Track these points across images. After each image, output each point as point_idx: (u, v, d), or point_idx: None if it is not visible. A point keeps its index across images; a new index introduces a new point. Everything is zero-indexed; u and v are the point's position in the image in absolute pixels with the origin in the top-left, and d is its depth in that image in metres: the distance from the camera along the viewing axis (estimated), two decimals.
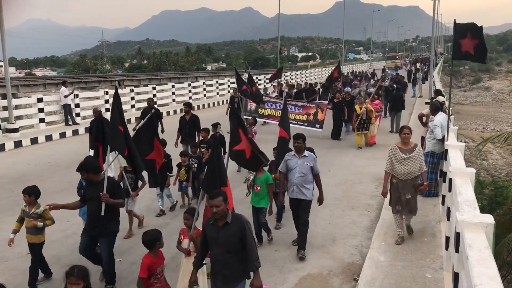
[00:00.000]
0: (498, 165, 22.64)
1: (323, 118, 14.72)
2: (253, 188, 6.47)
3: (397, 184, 6.30)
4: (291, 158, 6.17)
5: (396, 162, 6.22)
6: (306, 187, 6.09)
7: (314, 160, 6.15)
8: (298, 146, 6.11)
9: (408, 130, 6.35)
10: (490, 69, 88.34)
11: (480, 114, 44.68)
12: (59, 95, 17.21)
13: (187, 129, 10.34)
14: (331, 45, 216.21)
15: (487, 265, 2.98)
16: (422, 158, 6.26)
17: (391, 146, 6.41)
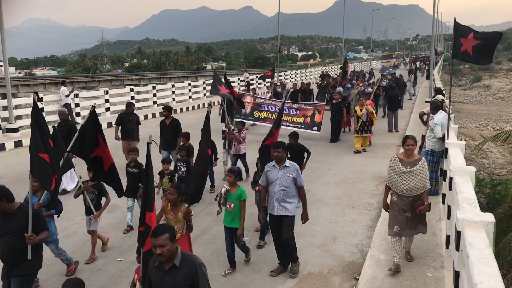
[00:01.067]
0: (499, 164, 22.64)
1: (321, 120, 14.10)
2: (226, 206, 5.68)
3: (396, 202, 5.59)
4: (271, 169, 5.59)
5: (396, 176, 5.53)
6: (289, 201, 5.52)
7: (297, 171, 5.58)
8: (278, 156, 5.52)
9: (413, 141, 5.61)
10: (490, 67, 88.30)
11: (480, 112, 44.67)
12: (60, 95, 17.20)
13: (167, 134, 9.68)
14: (331, 44, 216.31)
15: (487, 263, 2.98)
16: (426, 173, 5.50)
17: (391, 157, 5.76)
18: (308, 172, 10.46)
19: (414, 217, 5.54)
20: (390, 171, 5.61)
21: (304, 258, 6.02)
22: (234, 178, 5.68)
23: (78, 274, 5.64)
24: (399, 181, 5.50)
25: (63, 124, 9.13)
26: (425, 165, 5.55)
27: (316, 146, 13.12)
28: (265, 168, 5.71)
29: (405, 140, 5.69)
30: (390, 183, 5.65)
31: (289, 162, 5.63)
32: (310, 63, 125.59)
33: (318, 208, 8.02)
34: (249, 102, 15.19)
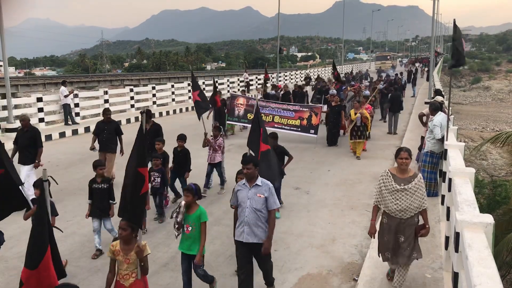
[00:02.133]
0: (498, 165, 22.65)
1: (318, 123, 13.67)
2: (183, 229, 4.86)
3: (388, 224, 4.90)
4: (241, 188, 4.86)
5: (388, 194, 4.82)
6: (261, 226, 4.75)
7: (269, 191, 4.78)
8: (248, 174, 4.77)
9: (407, 154, 4.88)
10: (490, 69, 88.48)
11: (479, 114, 44.70)
12: (59, 95, 17.20)
13: (147, 140, 8.73)
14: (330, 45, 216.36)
15: (486, 264, 2.98)
16: (422, 191, 4.78)
17: (382, 172, 5.02)
18: (308, 173, 10.49)
19: (409, 242, 4.80)
20: (381, 188, 4.91)
21: (303, 259, 6.03)
22: (192, 197, 4.83)
23: (77, 274, 5.64)
24: (391, 200, 4.79)
25: (25, 130, 8.31)
26: (422, 182, 4.82)
27: (315, 147, 13.15)
28: (235, 186, 4.98)
29: (398, 153, 4.92)
30: (380, 203, 4.94)
31: (262, 180, 4.84)
32: (309, 63, 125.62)
33: (317, 209, 8.02)
34: (242, 104, 14.63)
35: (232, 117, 14.56)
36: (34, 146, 8.22)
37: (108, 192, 6.26)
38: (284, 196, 8.76)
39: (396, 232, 4.84)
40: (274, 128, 13.70)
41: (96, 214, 6.20)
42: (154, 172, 7.46)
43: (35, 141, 8.21)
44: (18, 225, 6.51)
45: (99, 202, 6.24)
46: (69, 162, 11.68)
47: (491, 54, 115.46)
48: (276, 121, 13.78)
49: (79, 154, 12.50)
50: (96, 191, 6.24)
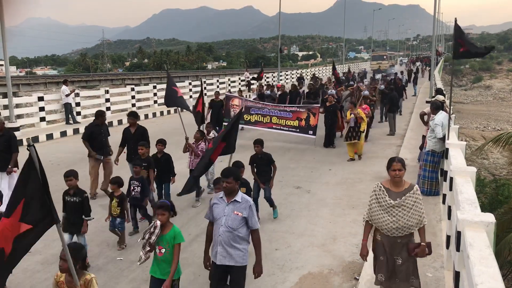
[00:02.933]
0: (499, 164, 22.63)
1: (316, 123, 13.29)
2: (155, 251, 4.34)
3: (382, 243, 4.36)
4: (217, 202, 4.35)
5: (381, 210, 4.27)
6: (236, 247, 4.22)
7: (249, 208, 4.25)
8: (227, 188, 4.25)
9: (400, 164, 4.29)
10: (491, 68, 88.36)
11: (481, 113, 44.65)
12: (60, 94, 17.22)
13: (132, 144, 8.39)
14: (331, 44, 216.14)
15: (488, 264, 2.98)
16: (420, 206, 4.25)
17: (375, 185, 4.46)
18: (309, 172, 10.49)
19: (407, 265, 4.30)
20: (373, 204, 4.36)
21: (304, 258, 6.03)
22: (168, 215, 4.33)
23: None
24: (385, 217, 4.24)
25: (1, 134, 7.84)
26: (419, 195, 4.28)
27: (316, 146, 13.13)
28: (211, 199, 4.49)
29: (390, 164, 4.33)
30: (373, 220, 4.37)
31: (242, 196, 4.32)
32: (310, 63, 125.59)
33: (318, 208, 8.02)
34: (237, 105, 14.34)
35: (228, 118, 14.09)
36: (9, 151, 7.76)
37: (80, 206, 5.72)
38: (285, 195, 8.77)
39: (392, 253, 4.30)
40: (272, 129, 13.70)
41: (68, 229, 5.67)
42: (134, 181, 6.89)
43: (10, 146, 7.76)
44: None
45: (71, 216, 5.74)
46: (71, 161, 11.68)
47: (492, 53, 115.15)
48: (274, 122, 13.61)
49: (80, 153, 12.49)
50: (68, 204, 5.79)
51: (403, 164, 4.33)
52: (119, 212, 6.32)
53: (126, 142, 8.61)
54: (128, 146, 8.56)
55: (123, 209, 6.35)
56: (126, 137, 8.61)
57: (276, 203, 8.23)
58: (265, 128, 13.80)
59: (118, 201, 6.32)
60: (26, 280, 5.54)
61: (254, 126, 14.04)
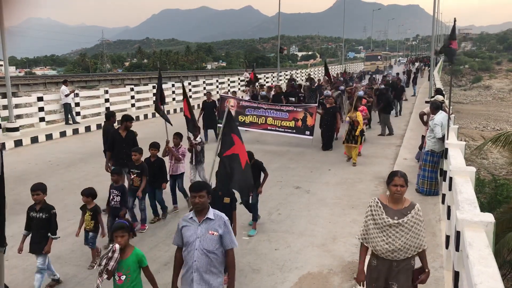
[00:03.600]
0: (498, 164, 22.66)
1: (313, 124, 12.93)
2: (114, 278, 3.93)
3: (378, 268, 3.91)
4: (187, 223, 3.75)
5: (377, 230, 3.82)
6: (214, 272, 3.69)
7: (224, 225, 3.73)
8: (200, 203, 3.68)
9: (403, 180, 3.81)
10: (490, 68, 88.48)
11: (480, 113, 44.70)
12: (59, 94, 17.21)
13: (123, 148, 7.87)
14: (331, 44, 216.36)
15: (487, 263, 2.98)
16: (420, 228, 3.81)
17: (370, 201, 3.97)
18: (308, 172, 10.49)
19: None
20: (369, 221, 3.90)
21: (303, 258, 6.03)
22: (128, 237, 3.91)
23: (78, 274, 5.65)
24: (381, 238, 3.79)
25: None
26: (420, 216, 3.83)
27: (313, 148, 13.06)
28: (179, 221, 3.84)
29: (392, 178, 3.86)
30: (368, 240, 3.92)
31: (215, 212, 3.80)
32: (310, 63, 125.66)
33: (318, 208, 8.02)
34: (233, 106, 13.87)
35: (222, 118, 14.03)
36: None
37: (47, 223, 5.19)
38: (285, 195, 8.77)
39: (388, 278, 3.87)
40: (267, 131, 13.49)
41: (34, 249, 5.22)
42: (113, 190, 6.39)
43: None
44: (18, 225, 6.50)
45: (36, 234, 5.22)
46: (70, 162, 11.69)
47: (491, 53, 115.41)
48: (269, 122, 13.35)
49: (79, 153, 12.52)
50: (33, 221, 5.23)
51: (406, 180, 3.84)
52: (92, 226, 5.78)
53: (112, 146, 7.96)
54: (119, 150, 7.89)
55: (97, 222, 5.78)
56: (115, 140, 7.95)
57: (276, 203, 8.26)
58: (260, 130, 13.62)
59: (91, 214, 5.77)
60: (26, 281, 5.54)
61: (249, 128, 13.70)
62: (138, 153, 7.04)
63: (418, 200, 7.94)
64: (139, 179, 6.94)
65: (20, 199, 8.57)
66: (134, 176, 6.98)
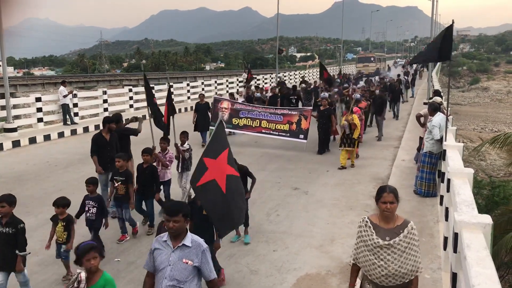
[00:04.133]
0: (496, 166, 22.70)
1: (308, 127, 12.72)
2: None
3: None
4: (160, 247, 3.36)
5: (368, 252, 3.45)
6: None
7: (202, 255, 3.32)
8: (174, 228, 3.27)
9: (393, 196, 3.45)
10: (488, 69, 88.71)
11: (478, 114, 44.81)
12: (58, 95, 17.20)
13: (108, 152, 7.54)
14: (329, 45, 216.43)
15: (485, 265, 2.99)
16: (416, 249, 3.40)
17: (360, 220, 3.62)
18: (306, 173, 10.50)
19: None
20: (360, 244, 3.55)
21: (302, 259, 6.03)
22: (99, 258, 3.43)
23: None
24: (373, 261, 3.41)
25: None
26: (415, 235, 3.42)
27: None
28: (153, 243, 3.45)
29: (380, 195, 3.50)
30: (359, 262, 3.57)
31: (193, 238, 3.37)
32: (308, 64, 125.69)
33: (316, 209, 8.03)
34: (226, 108, 13.66)
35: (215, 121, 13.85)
36: None
37: (13, 239, 4.68)
38: (283, 196, 8.78)
39: None
40: (261, 134, 13.36)
41: (2, 267, 4.72)
42: (89, 200, 5.96)
43: None
44: None
45: (3, 250, 4.71)
46: (68, 162, 11.68)
47: (489, 55, 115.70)
48: (263, 126, 13.16)
49: (78, 154, 12.49)
50: None
51: (396, 196, 3.46)
52: (65, 238, 5.37)
53: (97, 150, 7.61)
54: (104, 154, 7.55)
55: (70, 233, 5.38)
56: (100, 143, 7.62)
57: (274, 204, 8.26)
58: (254, 133, 13.47)
59: (64, 225, 5.36)
60: None
61: (243, 131, 13.59)
62: (122, 160, 6.58)
63: (416, 201, 7.96)
64: (124, 187, 6.50)
65: (18, 200, 8.51)
66: (119, 184, 6.50)
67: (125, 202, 6.54)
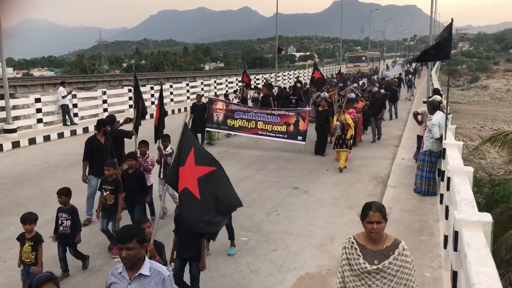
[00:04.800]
0: (496, 164, 22.71)
1: (306, 128, 12.35)
2: None
3: None
4: (117, 280, 3.05)
5: (354, 278, 3.11)
6: None
7: (163, 283, 2.98)
8: (129, 257, 2.92)
9: (379, 215, 3.05)
10: (488, 68, 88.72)
11: (478, 113, 44.82)
12: (57, 96, 17.19)
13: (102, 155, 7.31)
14: (329, 45, 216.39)
15: (485, 263, 2.98)
16: (409, 272, 3.05)
17: (345, 241, 3.23)
18: (306, 173, 10.49)
19: None
20: (345, 267, 3.17)
21: (302, 259, 6.03)
22: None
23: (76, 275, 5.63)
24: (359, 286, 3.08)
25: None
26: (407, 256, 3.07)
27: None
28: (108, 276, 3.15)
29: (366, 214, 3.10)
30: None
31: (152, 265, 3.03)
32: (308, 63, 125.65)
33: (316, 209, 8.02)
34: (221, 109, 13.28)
35: (211, 123, 13.23)
36: None
37: None
38: (283, 195, 8.77)
39: None
40: (257, 135, 12.96)
41: None
42: (62, 213, 5.50)
43: None
44: (15, 226, 6.48)
45: None
46: (68, 163, 11.66)
47: (489, 53, 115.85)
48: (259, 127, 12.78)
49: (77, 154, 12.41)
50: None
51: (384, 214, 3.08)
52: (34, 259, 4.84)
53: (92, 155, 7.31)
54: (99, 159, 7.21)
55: (38, 252, 4.87)
56: (94, 148, 7.33)
57: (274, 204, 8.26)
58: (250, 134, 13.16)
59: (32, 245, 4.84)
60: None
61: (239, 132, 13.33)
62: (112, 168, 6.19)
63: (417, 200, 7.96)
64: (113, 196, 6.08)
65: (17, 201, 8.56)
66: (107, 193, 6.09)
67: (114, 213, 6.11)
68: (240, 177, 10.00)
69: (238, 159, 11.89)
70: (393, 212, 7.30)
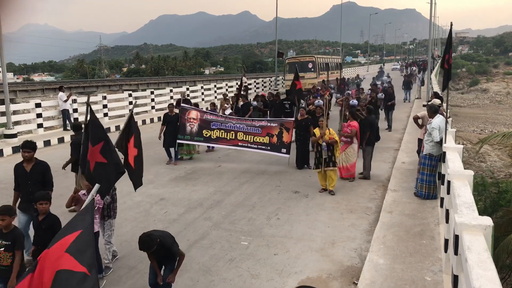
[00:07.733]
0: (496, 167, 22.70)
1: (290, 140, 11.39)
2: None
3: None
4: None
5: None
6: None
7: None
8: None
9: None
10: (487, 71, 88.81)
11: (477, 116, 44.86)
12: (58, 100, 17.22)
13: (29, 186, 6.06)
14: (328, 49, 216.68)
15: (486, 267, 2.98)
16: None
17: None
18: (307, 177, 10.48)
19: None
20: None
21: (302, 263, 6.02)
22: None
23: None
24: None
25: None
26: None
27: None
28: None
29: None
30: None
31: None
32: None
33: (317, 213, 8.02)
34: (195, 119, 11.91)
35: (183, 134, 11.78)
36: None
37: None
38: (283, 199, 8.77)
39: None
40: (238, 147, 11.94)
41: None
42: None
43: None
44: None
45: None
46: (68, 168, 11.65)
47: (488, 57, 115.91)
48: (239, 138, 11.71)
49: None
50: None
51: None
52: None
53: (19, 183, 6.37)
54: (24, 188, 6.21)
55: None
56: (19, 176, 6.35)
57: (274, 208, 8.26)
58: (230, 146, 12.05)
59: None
60: None
61: (217, 144, 12.14)
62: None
63: (417, 204, 7.95)
64: (10, 254, 4.44)
65: None
66: (1, 250, 4.43)
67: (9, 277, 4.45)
68: (241, 181, 10.00)
69: (238, 162, 11.90)
70: (394, 215, 7.30)
